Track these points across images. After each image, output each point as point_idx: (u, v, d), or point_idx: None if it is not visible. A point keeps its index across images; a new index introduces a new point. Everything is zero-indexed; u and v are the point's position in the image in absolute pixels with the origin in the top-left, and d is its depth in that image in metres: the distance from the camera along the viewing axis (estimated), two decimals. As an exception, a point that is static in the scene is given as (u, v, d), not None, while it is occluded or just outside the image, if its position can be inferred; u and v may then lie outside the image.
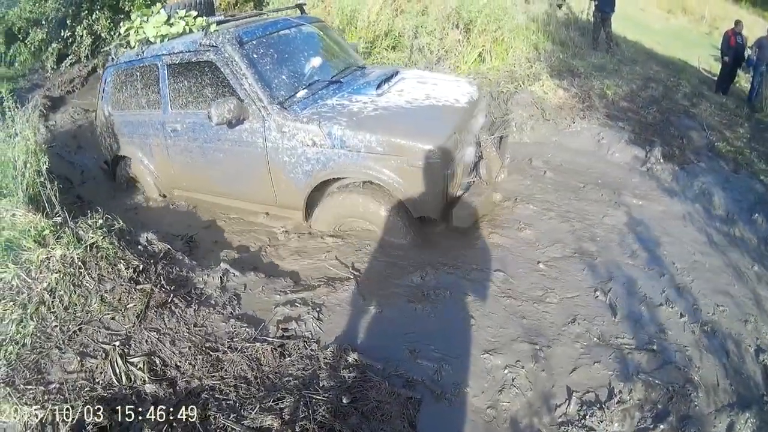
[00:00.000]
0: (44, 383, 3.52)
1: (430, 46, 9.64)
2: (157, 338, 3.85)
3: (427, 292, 4.52)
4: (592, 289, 4.75)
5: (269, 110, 4.92)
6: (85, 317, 4.00)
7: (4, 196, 5.12)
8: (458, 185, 5.01)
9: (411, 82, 5.66)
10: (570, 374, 3.80)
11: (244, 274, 4.67)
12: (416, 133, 4.56)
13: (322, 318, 4.17)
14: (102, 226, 4.71)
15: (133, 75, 5.96)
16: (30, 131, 5.53)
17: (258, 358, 3.72)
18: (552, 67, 9.96)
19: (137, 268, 4.41)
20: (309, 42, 5.88)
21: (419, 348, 3.91)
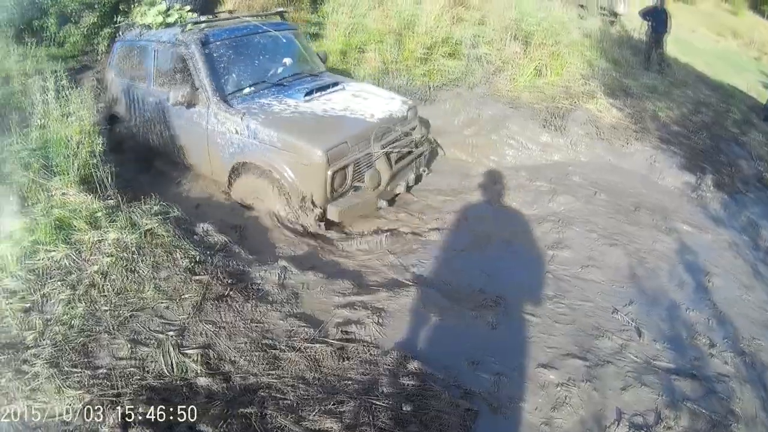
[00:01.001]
0: (91, 367, 3.42)
1: (488, 56, 9.52)
2: (213, 331, 3.74)
3: (487, 301, 4.50)
4: (640, 313, 4.66)
5: (211, 100, 5.79)
6: (138, 304, 3.90)
7: (56, 174, 5.06)
8: (345, 185, 5.56)
9: (344, 94, 6.39)
10: (620, 395, 3.72)
11: (303, 272, 4.57)
12: (310, 136, 5.28)
13: (382, 323, 4.06)
14: (158, 213, 4.64)
15: (132, 51, 6.94)
16: (86, 111, 5.46)
17: (318, 359, 3.61)
18: (606, 85, 9.78)
19: (194, 258, 4.33)
20: (272, 47, 6.70)
21: (478, 358, 3.83)
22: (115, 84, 7.25)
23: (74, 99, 5.57)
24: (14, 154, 5.14)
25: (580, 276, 5.07)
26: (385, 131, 5.84)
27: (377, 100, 6.32)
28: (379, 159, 5.68)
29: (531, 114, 8.05)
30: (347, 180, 5.50)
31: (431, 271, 5.05)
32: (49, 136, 5.40)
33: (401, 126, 6.15)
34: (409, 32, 10.18)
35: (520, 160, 7.67)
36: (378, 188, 5.71)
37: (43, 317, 3.76)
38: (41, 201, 4.77)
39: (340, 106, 5.95)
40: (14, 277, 4.05)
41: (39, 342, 3.57)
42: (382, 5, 10.96)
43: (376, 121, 5.81)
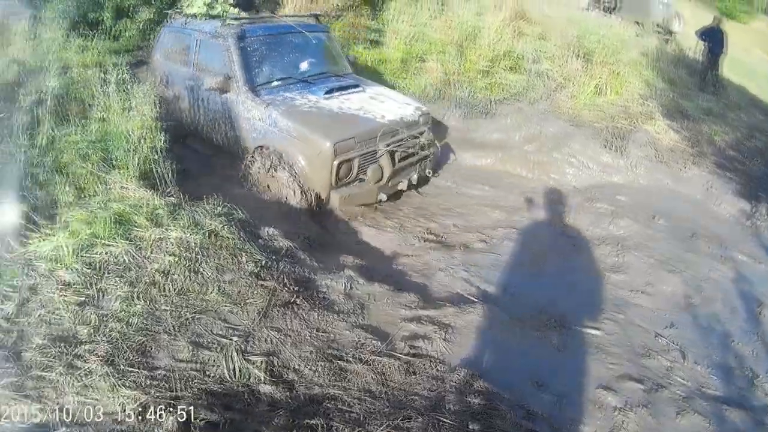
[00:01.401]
0: (149, 368, 3.30)
1: (549, 72, 9.39)
2: (278, 338, 3.62)
3: (550, 321, 4.45)
4: (692, 339, 4.59)
5: (241, 90, 6.41)
6: (200, 306, 3.78)
7: (115, 167, 4.99)
8: (350, 176, 6.06)
9: (363, 95, 6.93)
10: (674, 421, 3.63)
11: (370, 283, 4.47)
12: (322, 130, 5.82)
13: (449, 339, 3.93)
14: (221, 214, 4.56)
15: (177, 38, 7.60)
16: (148, 107, 5.40)
17: (385, 372, 3.48)
18: (663, 106, 9.61)
19: (260, 263, 4.23)
20: (303, 46, 7.28)
21: (541, 379, 3.76)
22: (159, 66, 7.89)
23: (136, 93, 5.50)
24: (73, 144, 5.09)
25: (637, 301, 5.01)
26: (392, 132, 6.32)
27: (391, 104, 6.84)
28: (383, 156, 6.19)
29: (592, 133, 7.93)
30: (352, 172, 6.01)
31: (494, 287, 5.03)
32: (109, 129, 5.35)
33: (409, 129, 6.57)
34: (471, 44, 10.17)
35: (580, 179, 7.55)
36: (379, 182, 6.24)
37: (98, 312, 3.66)
38: (99, 193, 4.72)
39: (356, 106, 6.51)
40: (70, 270, 3.96)
41: (93, 337, 3.46)
42: (444, 15, 10.94)
43: (386, 122, 6.29)
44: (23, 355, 3.32)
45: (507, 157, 7.80)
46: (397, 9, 11.30)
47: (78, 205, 4.52)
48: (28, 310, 3.66)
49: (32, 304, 3.71)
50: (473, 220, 6.43)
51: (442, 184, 7.42)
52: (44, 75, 5.87)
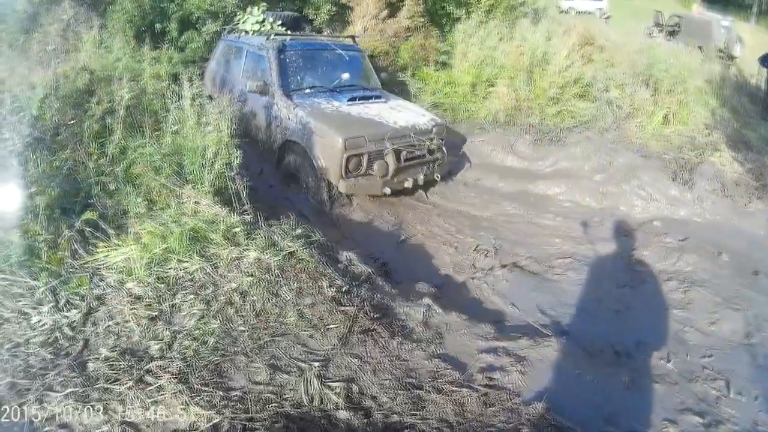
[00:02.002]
0: (224, 388, 3.29)
1: (618, 100, 9.28)
2: (358, 365, 3.58)
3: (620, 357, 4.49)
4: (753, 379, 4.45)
5: (276, 93, 7.44)
6: (279, 329, 3.77)
7: (189, 182, 4.98)
8: (360, 170, 6.79)
9: (383, 105, 7.81)
10: None
11: (447, 312, 4.43)
12: (338, 128, 6.62)
13: (524, 371, 3.88)
14: (300, 236, 4.55)
15: (231, 49, 8.89)
16: (224, 122, 5.39)
17: (462, 403, 3.42)
18: (728, 136, 9.40)
19: (341, 288, 4.21)
20: (336, 62, 8.31)
21: (611, 415, 3.73)
22: (214, 72, 9.16)
23: (211, 109, 5.50)
24: (146, 156, 5.09)
25: (700, 338, 4.93)
26: (400, 135, 7.07)
27: (407, 114, 7.67)
28: (389, 154, 6.89)
29: (660, 165, 7.80)
30: (362, 166, 6.77)
31: (564, 318, 5.03)
32: (183, 142, 5.35)
33: (419, 135, 7.27)
34: (541, 70, 10.18)
35: (648, 212, 7.40)
36: (385, 177, 6.96)
37: (171, 329, 3.67)
38: (171, 207, 4.72)
39: (373, 113, 7.36)
40: (141, 283, 3.98)
41: (166, 354, 3.47)
42: (513, 39, 10.93)
43: (397, 127, 7.11)
44: (88, 366, 3.33)
45: (576, 187, 7.74)
46: (465, 31, 11.34)
47: (149, 217, 4.53)
48: (95, 320, 3.69)
49: (99, 314, 3.74)
50: (543, 250, 6.39)
51: (512, 211, 7.42)
52: (115, 84, 5.87)
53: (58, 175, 4.69)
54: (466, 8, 12.10)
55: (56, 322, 3.60)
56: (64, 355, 3.38)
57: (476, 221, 7.18)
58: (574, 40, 10.69)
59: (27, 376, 3.20)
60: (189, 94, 5.69)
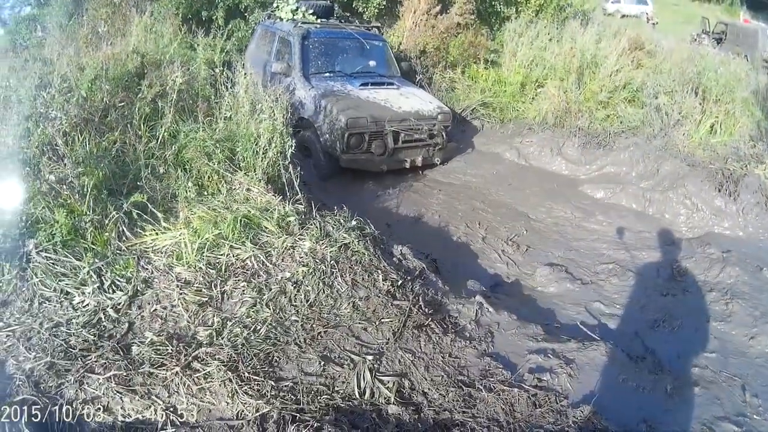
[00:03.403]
0: (274, 378, 3.27)
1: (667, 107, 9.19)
2: (411, 360, 3.57)
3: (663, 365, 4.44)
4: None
5: (297, 75, 8.27)
6: (332, 320, 3.76)
7: (241, 169, 5.00)
8: (362, 147, 7.72)
9: (393, 91, 8.55)
10: None
11: (498, 312, 4.42)
12: (345, 109, 7.49)
13: (572, 374, 3.86)
14: (354, 228, 4.56)
15: (266, 33, 9.61)
16: (279, 111, 5.40)
17: (512, 402, 3.41)
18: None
19: (395, 282, 4.20)
20: (358, 50, 9.12)
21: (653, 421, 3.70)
22: (252, 53, 9.70)
23: (267, 97, 5.51)
24: (198, 141, 5.10)
25: (742, 350, 4.91)
26: (401, 119, 7.90)
27: (415, 100, 8.43)
28: (387, 135, 7.79)
29: (706, 175, 7.70)
30: (363, 144, 7.70)
31: (610, 323, 5.07)
32: (236, 129, 5.37)
33: (420, 120, 8.05)
34: (591, 72, 10.22)
35: (692, 222, 7.36)
36: (382, 156, 7.88)
37: (221, 315, 3.66)
38: (222, 192, 4.74)
39: (381, 98, 8.17)
40: (191, 268, 3.97)
41: (215, 341, 3.46)
42: (562, 40, 10.94)
43: (399, 112, 7.95)
44: (132, 349, 3.33)
45: (623, 193, 7.74)
46: (515, 30, 11.39)
47: (199, 202, 4.54)
48: (141, 303, 3.68)
49: (146, 297, 3.73)
50: (589, 254, 6.40)
51: (562, 215, 7.42)
52: (166, 68, 5.90)
53: (106, 156, 4.72)
54: (516, 7, 12.20)
55: (100, 303, 3.58)
56: (108, 338, 3.37)
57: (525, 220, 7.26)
58: (624, 44, 10.64)
59: (67, 357, 3.19)
60: (244, 81, 5.71)
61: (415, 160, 8.22)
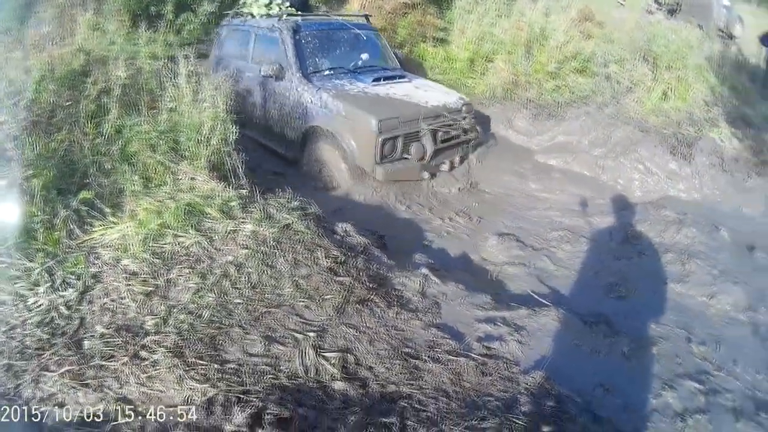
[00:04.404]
0: (219, 361, 3.27)
1: (617, 75, 9.27)
2: (354, 335, 3.57)
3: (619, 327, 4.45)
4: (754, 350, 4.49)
5: (295, 76, 7.11)
6: (275, 300, 3.75)
7: (185, 158, 4.99)
8: (395, 154, 6.56)
9: (408, 85, 7.56)
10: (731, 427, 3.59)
11: (445, 282, 4.42)
12: (370, 110, 6.34)
13: (523, 341, 3.89)
14: (296, 208, 4.57)
15: (236, 34, 8.50)
16: (221, 99, 5.39)
17: (459, 372, 3.42)
18: (727, 113, 9.38)
19: (337, 258, 4.20)
20: (353, 42, 8.05)
21: (609, 385, 3.74)
22: (218, 59, 8.64)
23: (207, 85, 5.49)
24: (142, 134, 5.08)
25: (700, 310, 4.97)
26: (435, 115, 6.85)
27: (435, 92, 7.45)
28: (425, 136, 6.66)
29: (659, 139, 7.78)
30: (396, 150, 6.51)
31: (563, 290, 5.07)
32: (179, 119, 5.35)
33: (451, 114, 7.04)
34: (540, 45, 10.20)
35: (647, 186, 7.42)
36: (422, 160, 6.71)
37: (166, 303, 3.66)
38: (167, 183, 4.72)
39: (401, 92, 7.12)
40: (136, 259, 3.96)
41: (161, 329, 3.46)
42: (511, 15, 10.92)
43: (429, 107, 6.87)
44: (84, 344, 3.33)
45: (575, 162, 7.79)
46: (463, 8, 11.30)
47: (145, 194, 4.53)
48: (91, 298, 3.67)
49: (95, 291, 3.72)
50: (541, 222, 6.43)
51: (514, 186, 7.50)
52: (111, 65, 5.86)
53: (54, 157, 4.69)
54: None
55: (52, 302, 3.58)
56: (60, 335, 3.37)
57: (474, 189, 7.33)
58: (573, 15, 10.68)
59: (23, 357, 3.20)
60: (185, 71, 5.68)
61: (453, 161, 7.23)
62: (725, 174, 7.66)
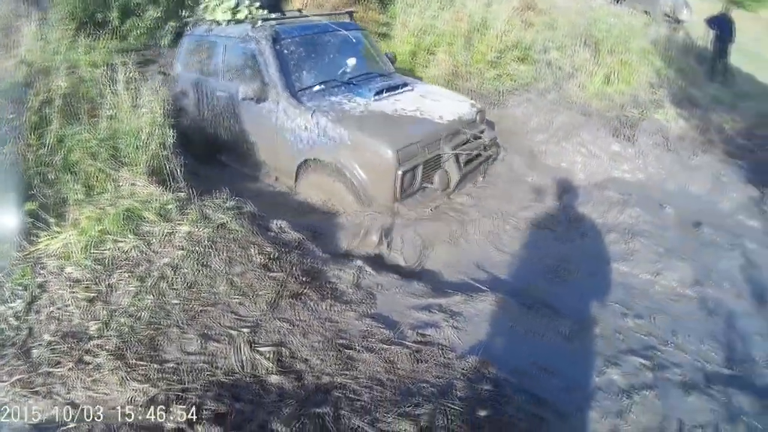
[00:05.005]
0: (158, 361, 3.33)
1: (558, 62, 9.41)
2: (287, 329, 3.63)
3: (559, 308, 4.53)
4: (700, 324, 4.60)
5: (281, 96, 5.92)
6: (210, 299, 3.81)
7: (125, 165, 5.01)
8: (414, 186, 5.56)
9: (413, 94, 6.49)
10: (680, 405, 3.63)
11: (379, 273, 4.50)
12: (380, 136, 5.33)
13: (458, 326, 3.95)
14: (231, 208, 4.62)
15: (201, 46, 7.13)
16: (157, 104, 5.42)
17: (393, 360, 3.49)
18: (673, 95, 9.55)
19: (270, 255, 4.25)
20: (342, 46, 6.83)
21: (550, 366, 3.80)
22: (182, 78, 7.39)
23: (146, 91, 5.52)
24: (83, 143, 5.09)
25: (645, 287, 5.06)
26: (454, 133, 5.93)
27: (446, 102, 6.40)
28: (448, 161, 5.76)
29: (602, 123, 7.94)
30: (416, 180, 5.50)
31: (502, 275, 5.10)
32: (119, 126, 5.37)
33: (470, 129, 6.18)
34: (480, 35, 10.20)
35: (590, 168, 7.54)
36: (447, 190, 5.80)
37: (108, 308, 3.70)
38: (108, 191, 4.73)
39: (411, 107, 5.99)
40: (79, 266, 3.99)
41: (103, 333, 3.51)
42: (453, 7, 10.98)
43: (446, 123, 5.88)
44: (32, 352, 3.36)
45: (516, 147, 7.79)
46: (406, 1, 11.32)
47: (88, 202, 4.54)
48: (38, 308, 3.70)
49: (42, 301, 3.75)
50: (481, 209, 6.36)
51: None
52: (53, 75, 5.86)
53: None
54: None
55: (2, 314, 3.62)
56: (11, 345, 3.40)
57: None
58: (515, 4, 10.80)
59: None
60: (123, 78, 5.69)
61: (476, 183, 6.46)
62: (670, 153, 7.84)
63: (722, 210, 7.02)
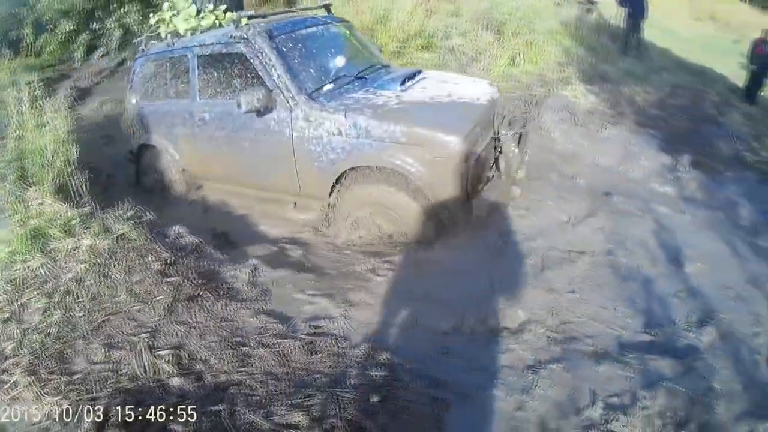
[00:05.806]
0: (68, 373, 3.48)
1: (462, 47, 9.56)
2: (184, 332, 3.78)
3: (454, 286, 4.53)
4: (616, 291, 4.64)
5: (297, 100, 4.98)
6: (112, 308, 3.95)
7: (33, 184, 5.11)
8: (480, 178, 4.97)
9: (433, 81, 5.68)
10: (593, 375, 3.68)
11: (274, 269, 4.62)
12: (439, 125, 4.56)
13: (351, 316, 4.09)
14: (131, 218, 4.72)
15: (162, 66, 6.07)
16: (60, 121, 5.51)
17: (287, 354, 3.63)
18: (583, 71, 9.82)
19: (167, 260, 4.38)
20: (335, 40, 6.02)
21: (448, 347, 3.87)
22: (142, 109, 6.40)
23: (48, 109, 5.59)
24: (-11, 166, 5.17)
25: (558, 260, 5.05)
26: (503, 112, 5.59)
27: (468, 85, 5.75)
28: (507, 142, 5.16)
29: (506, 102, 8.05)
30: (483, 171, 5.01)
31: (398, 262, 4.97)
32: (25, 146, 5.44)
33: (499, 107, 5.66)
34: (383, 27, 10.17)
35: (495, 148, 7.65)
36: (511, 175, 5.28)
37: (21, 327, 3.82)
38: (19, 212, 4.82)
39: (442, 93, 5.25)
40: (-9, 289, 4.10)
41: (17, 351, 3.63)
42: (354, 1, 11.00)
43: (485, 104, 5.21)
44: None
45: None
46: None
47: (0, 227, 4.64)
48: (-47, 333, 3.79)
49: (-44, 326, 3.84)
50: None
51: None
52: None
53: None
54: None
55: None
56: None
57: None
58: (419, -7, 10.89)
59: None
60: (27, 97, 5.75)
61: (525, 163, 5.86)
62: (578, 127, 8.06)
63: (634, 178, 7.23)
